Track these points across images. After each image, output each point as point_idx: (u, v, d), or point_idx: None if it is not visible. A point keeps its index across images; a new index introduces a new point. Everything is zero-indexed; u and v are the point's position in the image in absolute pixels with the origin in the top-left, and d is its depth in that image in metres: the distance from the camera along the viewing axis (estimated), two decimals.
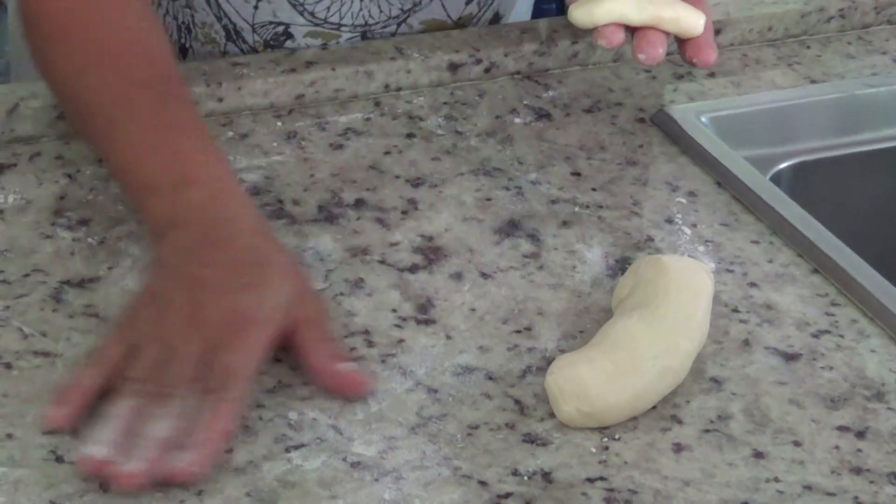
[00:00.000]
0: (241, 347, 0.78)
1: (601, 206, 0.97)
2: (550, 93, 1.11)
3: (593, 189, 0.99)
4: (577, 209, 0.97)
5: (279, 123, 1.05)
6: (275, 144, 1.02)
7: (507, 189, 0.99)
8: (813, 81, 1.15)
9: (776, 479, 0.76)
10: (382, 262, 0.91)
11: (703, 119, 1.06)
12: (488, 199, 0.97)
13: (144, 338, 0.79)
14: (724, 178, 1.00)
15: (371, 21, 1.10)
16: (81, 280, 0.88)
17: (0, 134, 1.00)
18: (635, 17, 0.95)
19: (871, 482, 0.76)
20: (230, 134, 1.03)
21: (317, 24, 1.09)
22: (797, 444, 0.78)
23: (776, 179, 1.04)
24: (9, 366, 0.81)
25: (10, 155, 0.99)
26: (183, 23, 1.12)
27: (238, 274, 0.82)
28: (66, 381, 0.78)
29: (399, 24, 1.11)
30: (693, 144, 1.04)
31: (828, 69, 1.16)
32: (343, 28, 1.09)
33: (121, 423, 0.75)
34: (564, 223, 0.95)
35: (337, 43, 1.10)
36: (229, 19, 1.10)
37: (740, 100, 1.11)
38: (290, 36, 1.10)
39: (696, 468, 0.77)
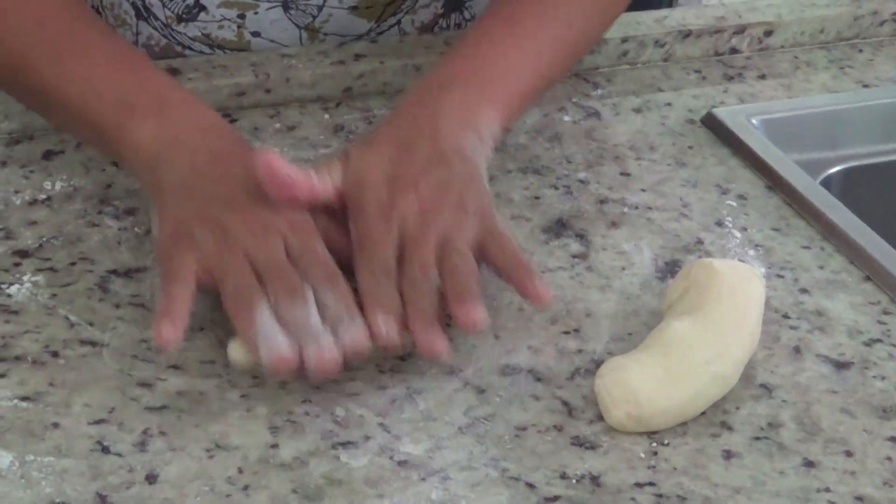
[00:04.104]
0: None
1: (650, 208, 0.96)
2: (599, 91, 1.10)
3: (643, 190, 0.98)
4: (626, 210, 0.96)
5: (326, 116, 1.04)
6: (322, 137, 1.02)
7: (556, 188, 0.98)
8: (865, 86, 1.13)
9: (827, 490, 0.75)
10: None
11: (754, 121, 1.05)
12: (536, 198, 0.97)
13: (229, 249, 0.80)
14: (774, 182, 0.99)
15: None
16: (128, 270, 0.87)
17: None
18: None
19: None
20: (277, 125, 1.03)
21: None
22: (849, 454, 0.77)
23: (827, 184, 1.03)
24: (55, 354, 0.81)
25: (58, 142, 0.99)
26: (91, 6, 1.09)
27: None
28: (162, 303, 0.78)
29: None
30: (743, 147, 1.03)
31: (880, 73, 1.15)
32: None
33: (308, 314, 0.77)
34: (613, 224, 0.94)
35: (255, 13, 1.06)
36: None
37: (791, 102, 1.10)
38: (203, 8, 1.06)
39: (745, 476, 0.76)
